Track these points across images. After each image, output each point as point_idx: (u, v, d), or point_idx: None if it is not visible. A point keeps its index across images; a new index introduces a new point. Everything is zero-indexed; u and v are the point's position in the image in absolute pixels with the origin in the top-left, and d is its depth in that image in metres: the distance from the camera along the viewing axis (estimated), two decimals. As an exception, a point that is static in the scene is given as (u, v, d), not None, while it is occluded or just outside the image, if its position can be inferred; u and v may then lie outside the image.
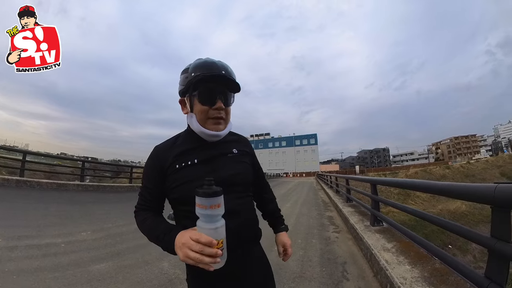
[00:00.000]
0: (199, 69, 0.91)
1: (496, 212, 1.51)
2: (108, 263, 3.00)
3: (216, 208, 0.70)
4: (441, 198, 14.68)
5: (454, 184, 2.04)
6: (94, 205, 6.69)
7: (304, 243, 4.24)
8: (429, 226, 8.95)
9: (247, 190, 1.02)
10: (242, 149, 1.07)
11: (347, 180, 8.58)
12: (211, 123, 0.94)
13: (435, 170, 26.74)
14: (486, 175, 25.63)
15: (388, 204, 4.09)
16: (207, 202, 0.69)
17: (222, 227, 0.72)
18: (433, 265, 2.41)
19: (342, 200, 8.27)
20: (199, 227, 0.72)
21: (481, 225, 11.77)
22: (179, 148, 0.97)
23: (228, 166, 0.97)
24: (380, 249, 3.02)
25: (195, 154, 0.95)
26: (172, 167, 0.92)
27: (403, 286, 2.05)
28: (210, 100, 0.92)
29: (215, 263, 0.70)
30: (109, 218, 5.24)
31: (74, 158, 26.40)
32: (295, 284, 2.66)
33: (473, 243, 5.12)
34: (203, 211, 0.70)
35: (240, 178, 0.98)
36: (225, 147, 1.01)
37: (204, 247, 0.68)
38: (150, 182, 0.97)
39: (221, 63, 0.95)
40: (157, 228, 0.88)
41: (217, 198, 0.70)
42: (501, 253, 1.43)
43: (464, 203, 13.51)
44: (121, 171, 13.37)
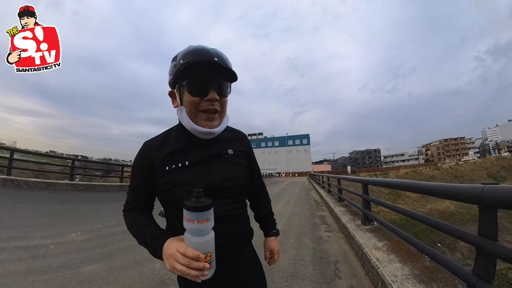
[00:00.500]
0: (189, 56, 0.81)
1: (483, 211, 1.55)
2: (99, 264, 2.95)
3: (204, 222, 0.66)
4: (430, 198, 15.04)
5: (443, 185, 2.09)
6: (84, 205, 6.57)
7: (296, 242, 4.26)
8: (419, 225, 9.18)
9: (241, 194, 0.97)
10: (238, 149, 0.99)
11: (339, 180, 8.66)
12: (203, 118, 0.84)
13: (424, 171, 27.34)
14: (474, 176, 26.33)
15: (379, 204, 4.14)
16: (195, 216, 0.65)
17: (211, 241, 0.69)
18: (423, 263, 2.46)
19: (334, 199, 8.33)
20: (186, 239, 0.69)
21: (469, 224, 12.10)
22: (169, 147, 0.88)
23: (222, 169, 0.90)
24: (371, 247, 3.06)
25: (187, 154, 0.88)
26: (161, 168, 0.85)
27: (394, 284, 2.08)
28: (201, 90, 0.81)
29: (202, 275, 0.67)
30: (100, 218, 5.15)
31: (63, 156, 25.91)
32: (288, 283, 2.67)
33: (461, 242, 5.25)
34: (191, 225, 0.66)
35: (234, 183, 0.91)
36: (219, 147, 0.93)
37: (191, 261, 0.65)
38: (137, 182, 0.92)
39: (214, 50, 0.84)
40: (145, 232, 0.83)
41: (206, 212, 0.66)
42: (488, 251, 1.47)
43: (453, 203, 13.90)
44: (112, 170, 13.20)
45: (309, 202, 9.87)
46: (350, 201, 6.31)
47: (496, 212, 1.49)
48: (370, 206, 4.43)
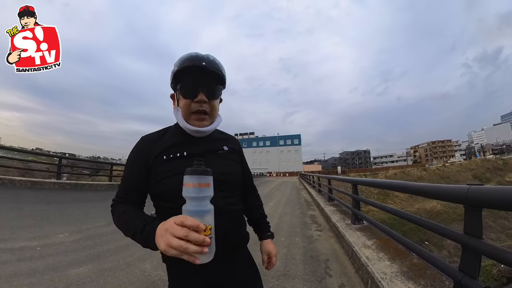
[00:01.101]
0: (182, 62, 0.88)
1: (469, 211, 1.61)
2: (87, 266, 2.88)
3: (205, 187, 0.65)
4: (418, 198, 15.38)
5: (431, 185, 2.15)
6: (71, 204, 6.42)
7: (287, 241, 4.29)
8: (407, 224, 9.38)
9: (237, 189, 0.98)
10: (232, 147, 1.03)
11: (329, 180, 8.74)
12: (194, 118, 0.90)
13: (413, 171, 27.96)
14: (460, 177, 27.05)
15: (368, 203, 4.23)
16: (196, 179, 0.64)
17: (211, 213, 0.66)
18: (411, 261, 2.53)
19: (324, 199, 8.41)
20: (184, 210, 0.65)
21: (455, 223, 12.42)
22: (167, 140, 0.92)
23: (218, 163, 0.92)
24: (361, 246, 3.12)
25: (185, 147, 0.91)
26: (159, 158, 0.87)
27: (383, 281, 2.13)
28: (191, 92, 0.88)
29: (202, 253, 0.61)
30: (88, 219, 5.04)
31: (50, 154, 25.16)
32: (280, 282, 2.69)
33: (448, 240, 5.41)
34: (191, 189, 0.64)
35: (230, 176, 0.94)
36: (215, 144, 0.98)
37: (190, 232, 0.59)
38: (132, 174, 0.91)
39: (204, 55, 0.91)
40: (137, 220, 0.79)
41: (207, 177, 0.67)
42: (474, 248, 1.52)
43: (440, 203, 14.27)
44: (101, 169, 12.84)
45: (299, 202, 9.94)
46: (340, 201, 6.40)
47: (481, 211, 1.55)
48: (360, 206, 4.50)
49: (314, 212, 7.33)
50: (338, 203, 6.76)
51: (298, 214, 7.05)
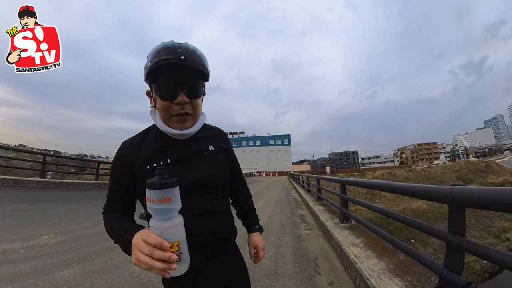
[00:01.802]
0: (156, 55, 0.77)
1: (452, 210, 1.67)
2: (74, 269, 2.79)
3: (165, 202, 0.60)
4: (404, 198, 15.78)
5: (416, 186, 2.22)
6: (56, 204, 6.21)
7: (277, 240, 4.32)
8: (393, 223, 9.68)
9: (224, 190, 0.96)
10: (219, 145, 0.98)
11: (318, 180, 8.82)
12: (175, 120, 0.82)
13: (399, 172, 28.77)
14: (445, 178, 28.07)
15: (356, 203, 4.29)
16: (155, 195, 0.59)
17: (178, 227, 0.62)
18: (398, 258, 2.59)
19: (313, 199, 8.47)
20: (150, 225, 0.62)
21: (440, 221, 12.81)
22: (149, 146, 0.86)
23: (204, 166, 0.89)
24: (349, 244, 3.17)
25: (167, 153, 0.85)
26: (142, 168, 0.83)
27: (371, 278, 2.18)
28: (170, 93, 0.79)
29: (170, 269, 0.59)
30: (74, 219, 4.90)
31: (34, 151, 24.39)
32: (270, 281, 2.70)
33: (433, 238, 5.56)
34: (151, 206, 0.60)
35: (217, 179, 0.91)
36: (200, 144, 0.92)
37: (154, 250, 0.58)
38: (116, 183, 0.88)
39: (182, 45, 0.79)
40: (120, 227, 0.77)
41: (167, 190, 0.60)
42: (458, 245, 1.58)
43: (425, 203, 14.74)
44: (87, 167, 12.37)
45: (289, 201, 9.99)
46: (329, 200, 6.49)
47: (464, 210, 1.62)
48: (348, 205, 4.57)
49: (303, 212, 7.39)
50: (327, 203, 6.84)
51: (287, 214, 7.09)
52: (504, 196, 1.28)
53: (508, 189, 1.29)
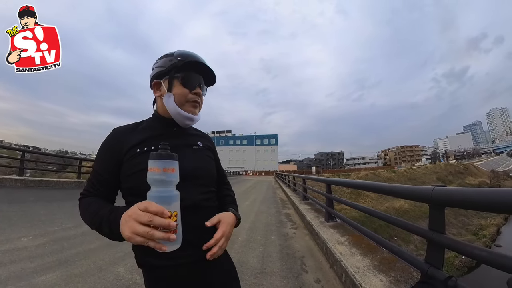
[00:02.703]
0: (186, 56, 0.92)
1: (433, 209, 1.76)
2: (55, 272, 2.67)
3: (170, 172, 0.64)
4: (387, 197, 16.27)
5: (399, 186, 2.31)
6: (36, 204, 5.96)
7: (263, 239, 4.34)
8: (377, 221, 9.99)
9: (211, 185, 0.97)
10: (206, 144, 1.05)
11: (304, 180, 8.88)
12: (189, 106, 0.93)
13: (383, 173, 29.76)
14: (426, 179, 29.38)
15: (341, 202, 4.38)
16: (161, 164, 0.63)
17: (176, 199, 0.65)
18: (382, 255, 2.68)
19: (299, 198, 8.53)
20: (149, 196, 0.63)
21: (421, 220, 13.31)
22: (142, 133, 0.90)
23: (194, 157, 0.93)
24: (335, 242, 3.23)
25: (160, 140, 0.82)
26: (132, 151, 0.84)
27: (357, 274, 2.24)
28: (192, 84, 0.93)
29: (169, 240, 0.60)
30: (54, 220, 4.74)
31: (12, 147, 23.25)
32: (257, 280, 2.71)
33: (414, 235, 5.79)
34: (156, 175, 0.63)
35: (205, 171, 0.95)
36: (190, 139, 1.00)
37: (154, 217, 0.58)
38: (102, 167, 0.87)
39: (203, 58, 0.97)
40: (104, 209, 0.76)
41: (172, 161, 0.66)
42: (438, 242, 1.67)
43: (407, 202, 15.31)
44: (68, 164, 11.95)
45: (275, 201, 10.04)
46: (314, 200, 6.58)
47: (444, 210, 1.71)
48: (333, 204, 4.66)
49: (289, 211, 7.45)
50: (313, 202, 6.92)
51: (273, 213, 7.13)
52: (481, 196, 1.37)
53: (485, 190, 1.39)
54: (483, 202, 1.37)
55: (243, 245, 3.93)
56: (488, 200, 1.33)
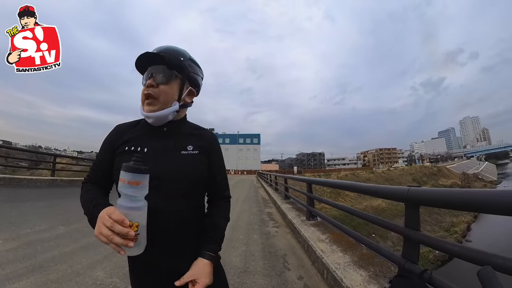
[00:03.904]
0: None
1: (408, 208, 1.87)
2: (29, 279, 2.48)
3: (135, 185, 0.66)
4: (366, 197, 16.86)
5: (377, 186, 2.44)
6: (5, 204, 5.53)
7: (246, 238, 4.36)
8: (356, 220, 10.38)
9: (193, 192, 0.91)
10: (199, 146, 0.94)
11: (286, 179, 8.97)
12: (143, 102, 0.89)
13: (362, 174, 31.06)
14: (402, 180, 31.02)
15: (321, 201, 4.55)
16: (128, 176, 0.66)
17: (141, 210, 0.68)
18: (361, 251, 2.79)
19: (280, 197, 8.61)
20: (116, 204, 0.69)
21: (397, 218, 13.90)
22: (135, 131, 0.94)
23: (178, 162, 0.88)
24: (316, 240, 3.31)
25: (148, 141, 0.90)
26: (122, 147, 0.89)
27: (338, 271, 2.32)
28: (143, 78, 0.91)
29: (127, 246, 0.65)
30: (27, 221, 4.42)
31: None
32: (241, 279, 2.72)
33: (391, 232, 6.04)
34: (122, 186, 0.67)
35: (183, 175, 0.87)
36: (181, 142, 0.92)
37: (114, 224, 0.64)
38: (102, 157, 0.95)
39: (164, 46, 0.92)
40: (93, 201, 0.82)
41: (139, 175, 0.67)
42: (413, 238, 1.78)
43: (384, 201, 16.01)
44: (42, 161, 11.19)
45: (257, 200, 10.08)
46: (296, 199, 6.68)
47: (419, 208, 1.83)
48: (314, 203, 4.76)
49: (271, 210, 7.51)
50: (294, 201, 7.00)
51: (255, 212, 7.17)
52: (452, 196, 1.50)
53: (456, 190, 1.51)
54: (454, 201, 1.49)
55: (225, 244, 3.85)
56: (458, 200, 1.45)
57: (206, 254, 0.88)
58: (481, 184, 38.22)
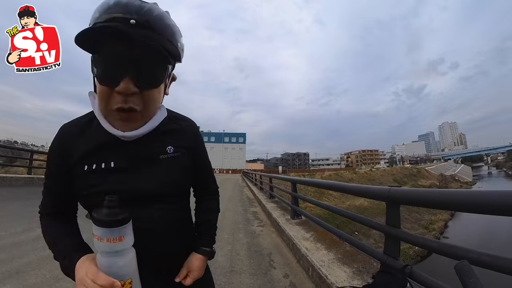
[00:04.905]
0: (99, 13, 0.55)
1: (390, 207, 1.95)
2: (5, 286, 2.32)
3: (115, 242, 0.52)
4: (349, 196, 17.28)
5: (360, 186, 2.54)
6: (-23, 205, 5.32)
7: (231, 238, 4.35)
8: (339, 218, 10.71)
9: (179, 200, 0.79)
10: (181, 145, 0.77)
11: (271, 179, 8.98)
12: (116, 117, 0.61)
13: (345, 174, 32.07)
14: (383, 180, 32.39)
15: (306, 200, 4.65)
16: (104, 233, 0.51)
17: (130, 263, 0.56)
18: (345, 248, 2.87)
19: (265, 196, 8.65)
20: (98, 261, 0.55)
21: (379, 216, 14.30)
22: (91, 139, 0.67)
23: (157, 173, 0.70)
24: (301, 238, 3.36)
25: (113, 152, 0.67)
26: (78, 167, 0.66)
27: (322, 268, 2.38)
28: (110, 76, 0.56)
29: None
30: (1, 224, 4.15)
31: None
32: (227, 279, 2.71)
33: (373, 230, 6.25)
34: (99, 244, 0.52)
35: (170, 190, 0.73)
36: (157, 144, 0.73)
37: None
38: (52, 178, 0.71)
39: (143, 5, 0.56)
40: (59, 244, 0.67)
41: (118, 229, 0.52)
42: (394, 235, 1.86)
43: (366, 200, 16.57)
44: (18, 157, 10.54)
45: (242, 199, 10.07)
46: (280, 198, 6.72)
47: (399, 207, 1.91)
48: (298, 202, 4.82)
49: (256, 209, 7.54)
50: (279, 200, 7.05)
51: (240, 211, 7.18)
52: (431, 196, 1.59)
53: (434, 190, 1.60)
54: (432, 201, 1.59)
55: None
56: (436, 199, 1.55)
57: (200, 249, 0.85)
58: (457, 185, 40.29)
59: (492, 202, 1.17)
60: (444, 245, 1.48)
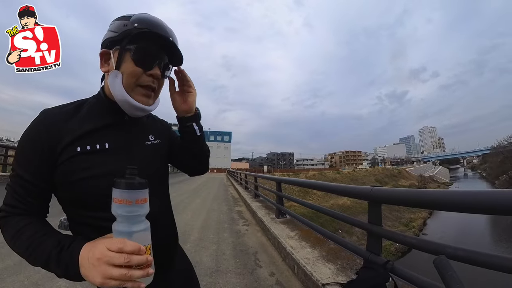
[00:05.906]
0: (146, 23, 0.70)
1: (371, 205, 2.04)
2: None
3: (142, 203, 0.54)
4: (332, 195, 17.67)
5: (343, 185, 2.61)
6: None
7: (216, 237, 4.33)
8: (323, 217, 10.98)
9: (162, 186, 0.86)
10: (159, 135, 0.88)
11: (256, 178, 8.98)
12: (139, 93, 0.71)
13: (329, 174, 32.88)
14: (366, 180, 33.52)
15: (290, 200, 4.70)
16: (133, 195, 0.53)
17: (148, 230, 0.57)
18: (329, 246, 2.93)
19: (250, 195, 8.66)
20: (118, 231, 0.54)
21: (361, 215, 14.84)
22: (84, 121, 0.69)
23: (145, 157, 0.78)
24: (286, 237, 3.41)
25: (108, 135, 0.71)
26: (69, 149, 0.64)
27: (307, 265, 2.43)
28: (148, 62, 0.71)
29: (147, 275, 0.53)
30: None
31: None
32: (213, 279, 2.70)
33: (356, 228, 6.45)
34: (127, 208, 0.53)
35: (157, 174, 0.81)
36: (142, 131, 0.83)
37: (131, 257, 0.49)
38: (27, 169, 0.63)
39: (170, 29, 0.76)
40: (46, 243, 0.58)
41: (145, 191, 0.55)
42: (376, 233, 1.94)
43: (349, 199, 17.11)
44: None
45: (227, 198, 10.00)
46: (265, 197, 6.77)
47: (381, 206, 2.01)
48: (283, 202, 4.88)
49: (241, 208, 7.53)
50: (264, 199, 7.09)
51: (225, 210, 7.13)
52: (410, 195, 1.68)
53: (413, 190, 1.69)
54: (412, 200, 1.68)
55: (195, 244, 3.88)
56: (416, 199, 1.63)
57: None
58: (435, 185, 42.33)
59: (467, 201, 1.26)
60: (423, 242, 1.57)
